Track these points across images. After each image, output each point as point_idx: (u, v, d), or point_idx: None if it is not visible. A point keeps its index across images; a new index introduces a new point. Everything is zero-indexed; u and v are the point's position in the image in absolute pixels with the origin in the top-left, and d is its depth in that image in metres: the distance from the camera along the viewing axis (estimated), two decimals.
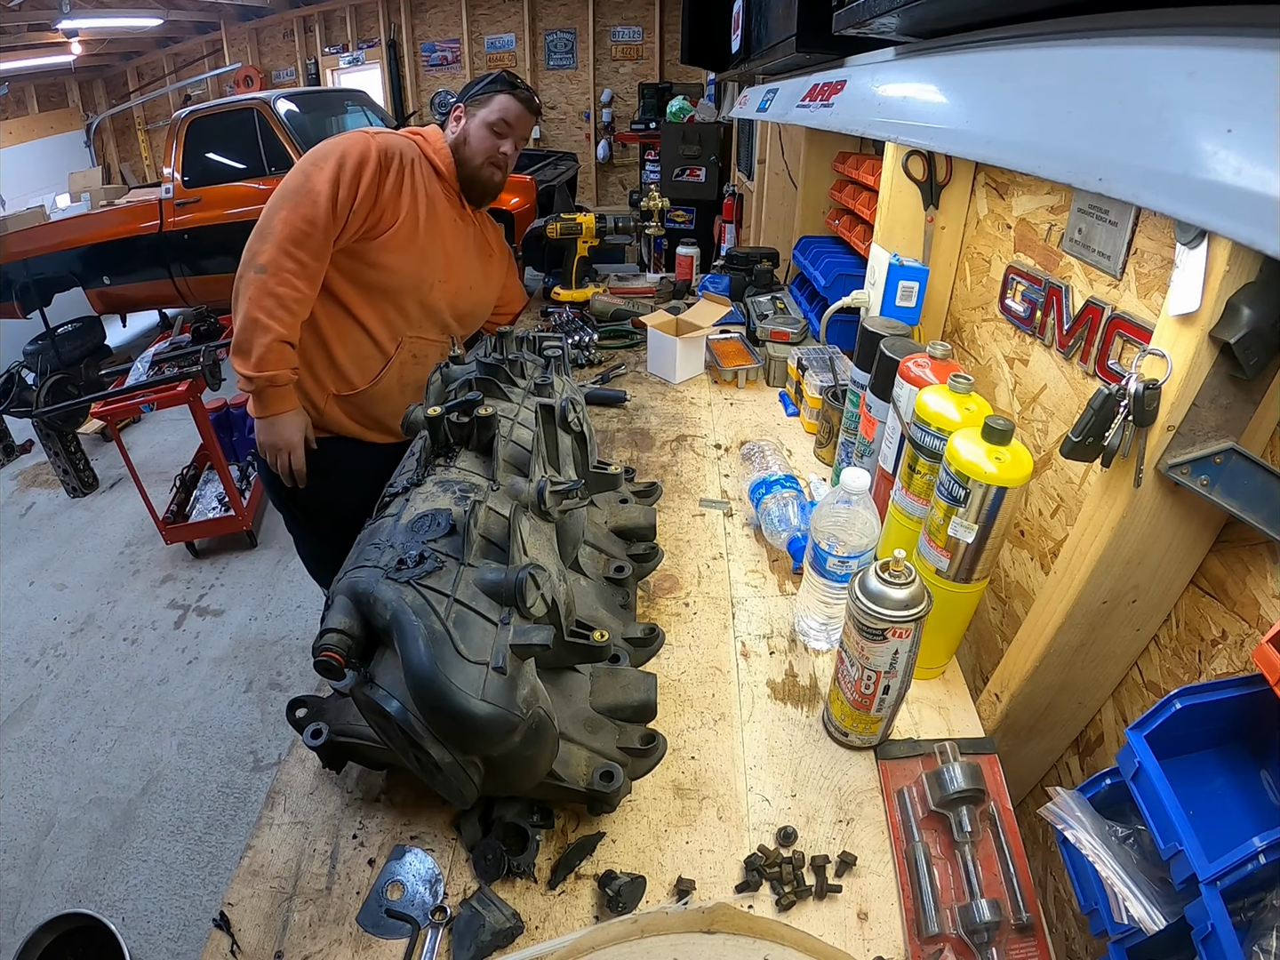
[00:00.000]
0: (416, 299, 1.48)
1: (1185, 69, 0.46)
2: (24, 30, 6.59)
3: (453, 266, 1.53)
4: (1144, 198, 0.46)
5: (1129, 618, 0.84)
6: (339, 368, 1.46)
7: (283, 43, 8.31)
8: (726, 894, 0.70)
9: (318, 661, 0.63)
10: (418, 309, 1.50)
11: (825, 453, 1.41)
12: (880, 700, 0.77)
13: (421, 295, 1.48)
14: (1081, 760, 1.00)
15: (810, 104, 1.41)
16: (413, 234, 1.42)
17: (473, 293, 1.62)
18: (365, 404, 1.51)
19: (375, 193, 1.35)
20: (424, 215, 1.44)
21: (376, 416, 1.54)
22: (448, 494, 0.78)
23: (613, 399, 1.68)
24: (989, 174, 1.33)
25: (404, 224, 1.41)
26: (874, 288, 1.47)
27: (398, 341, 1.49)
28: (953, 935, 0.66)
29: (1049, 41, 0.67)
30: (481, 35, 7.75)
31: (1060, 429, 1.06)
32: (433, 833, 0.77)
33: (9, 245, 4.57)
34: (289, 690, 2.34)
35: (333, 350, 1.45)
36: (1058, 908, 1.02)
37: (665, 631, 1.00)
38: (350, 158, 1.32)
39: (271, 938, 0.68)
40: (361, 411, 1.52)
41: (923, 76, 0.92)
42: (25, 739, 2.21)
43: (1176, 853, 0.52)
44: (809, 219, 2.55)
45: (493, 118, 1.47)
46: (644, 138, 6.52)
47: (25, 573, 2.97)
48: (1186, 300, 0.66)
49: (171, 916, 1.72)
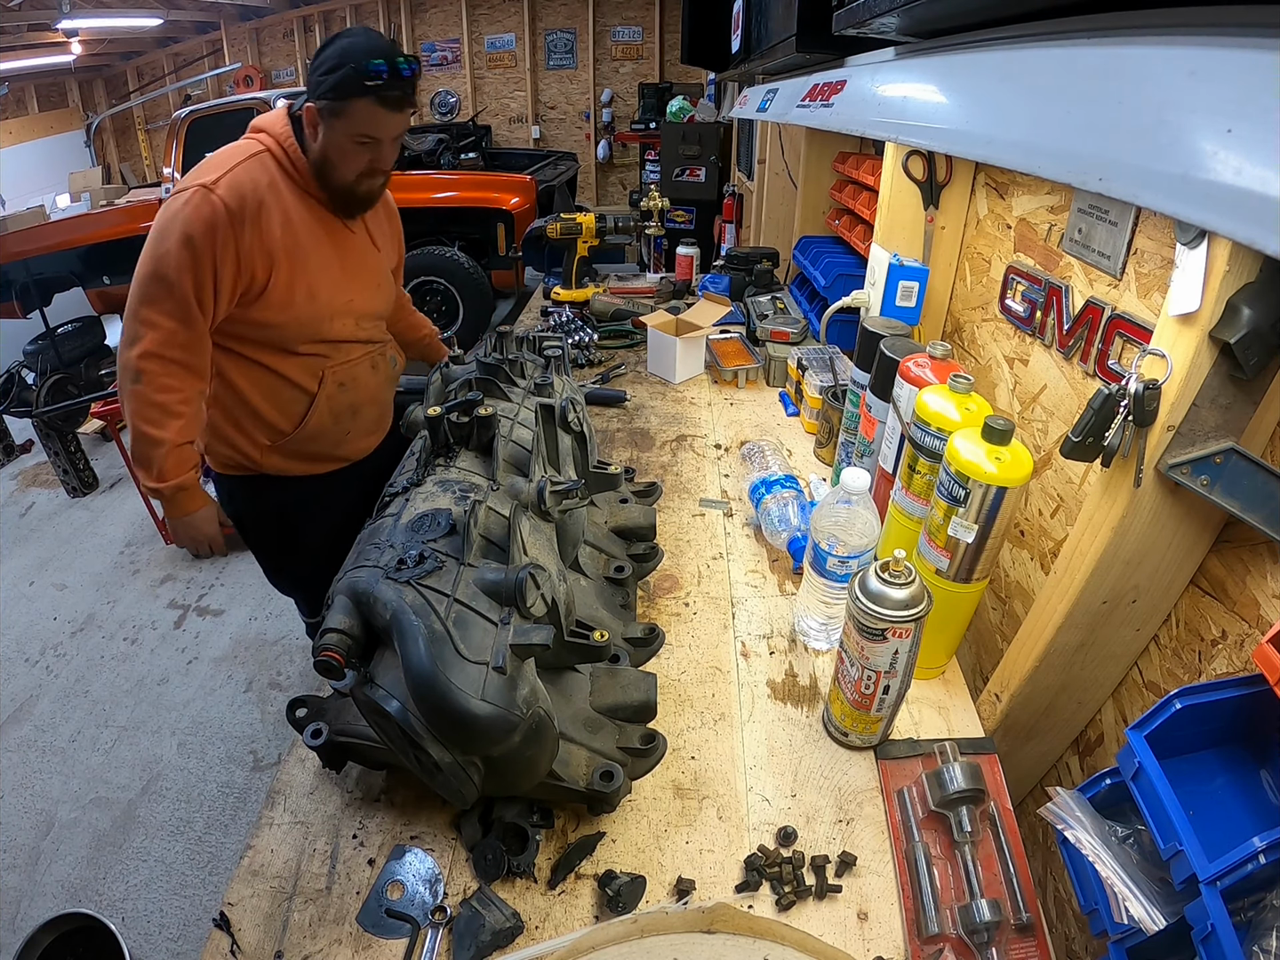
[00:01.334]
0: (320, 336, 1.35)
1: (1185, 69, 0.46)
2: (24, 30, 6.58)
3: (349, 285, 1.36)
4: (1144, 198, 0.46)
5: (1129, 618, 0.84)
6: (263, 419, 1.37)
7: (283, 43, 8.31)
8: (726, 894, 0.70)
9: (318, 661, 0.63)
10: (325, 344, 1.37)
11: (825, 453, 1.41)
12: (880, 700, 0.77)
13: (324, 332, 1.34)
14: (1081, 760, 1.00)
15: (810, 104, 1.41)
16: (292, 280, 1.26)
17: (379, 291, 1.47)
18: (300, 445, 1.42)
19: (235, 261, 1.19)
20: (299, 251, 1.26)
21: (316, 452, 1.46)
22: (448, 494, 0.78)
23: (613, 399, 1.68)
24: (989, 174, 1.33)
25: (279, 275, 1.24)
26: (874, 288, 1.47)
27: (318, 378, 1.38)
28: (953, 935, 0.66)
29: (1049, 41, 0.67)
30: (481, 35, 7.74)
31: (1060, 429, 1.06)
32: (433, 833, 0.77)
33: (9, 245, 4.56)
34: (289, 690, 2.34)
35: (253, 404, 1.35)
36: (1058, 908, 1.02)
37: (665, 631, 1.00)
38: (197, 233, 1.16)
39: (271, 938, 0.68)
40: (300, 451, 1.44)
41: (923, 76, 0.92)
42: (25, 739, 2.21)
43: (1176, 853, 0.52)
44: (809, 219, 2.55)
45: (354, 132, 1.21)
46: (644, 138, 6.52)
47: (25, 573, 2.97)
48: (1186, 300, 0.66)
49: (171, 916, 1.72)
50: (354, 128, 1.20)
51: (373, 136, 1.22)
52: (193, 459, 1.29)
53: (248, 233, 1.20)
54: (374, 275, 1.44)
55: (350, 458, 1.53)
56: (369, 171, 1.27)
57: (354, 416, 1.47)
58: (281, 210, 1.24)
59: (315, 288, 1.30)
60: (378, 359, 1.51)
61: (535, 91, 7.89)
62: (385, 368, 1.54)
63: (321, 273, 1.31)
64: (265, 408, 1.37)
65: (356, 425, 1.50)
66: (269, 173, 1.24)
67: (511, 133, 8.07)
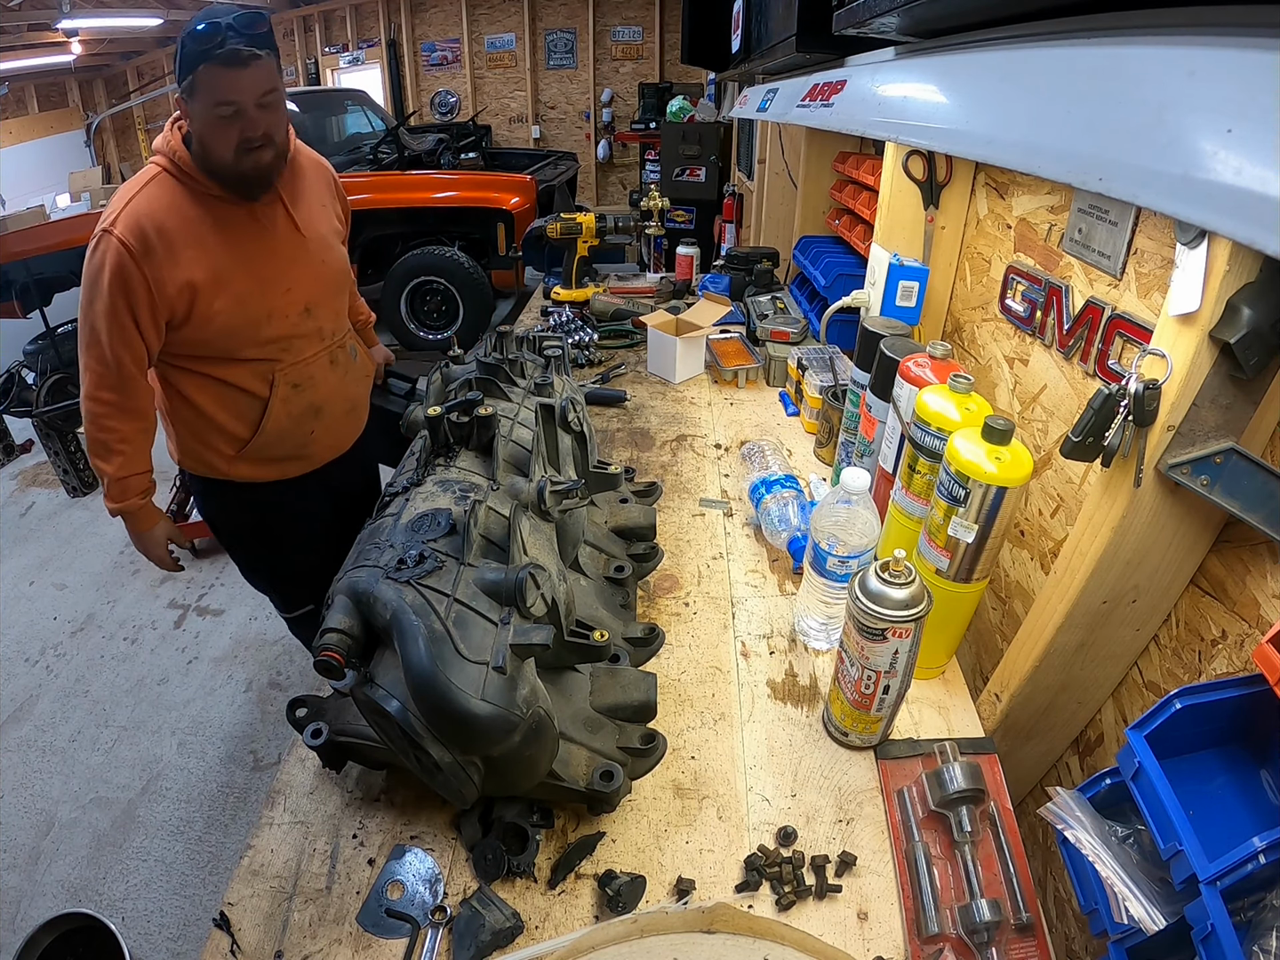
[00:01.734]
0: (261, 340, 1.31)
1: (1185, 69, 0.46)
2: (24, 30, 6.58)
3: (282, 278, 1.31)
4: (1144, 198, 0.46)
5: (1129, 618, 0.84)
6: (223, 429, 1.37)
7: (283, 42, 8.30)
8: (726, 894, 0.70)
9: (318, 661, 0.63)
10: (271, 345, 1.33)
11: (825, 453, 1.41)
12: (880, 700, 0.77)
13: (264, 333, 1.30)
14: (1081, 760, 1.00)
15: (810, 104, 1.41)
16: (214, 295, 1.23)
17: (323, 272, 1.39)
18: (262, 450, 1.40)
19: (149, 297, 1.18)
20: (214, 264, 1.23)
21: (282, 456, 1.44)
22: (448, 494, 0.78)
23: (613, 399, 1.68)
24: (989, 174, 1.33)
25: (200, 295, 1.22)
26: (874, 288, 1.47)
27: (269, 382, 1.35)
28: (953, 935, 0.66)
29: (1049, 41, 0.67)
30: (481, 35, 7.75)
31: (1060, 429, 1.06)
32: (433, 832, 0.77)
33: (9, 245, 4.55)
34: (289, 690, 2.34)
35: (210, 415, 1.35)
36: (1058, 908, 1.02)
37: (665, 631, 1.00)
38: (105, 281, 1.17)
39: (271, 937, 0.68)
40: (264, 457, 1.43)
41: (923, 76, 0.92)
42: (25, 739, 2.21)
43: (1176, 853, 0.52)
44: (809, 219, 2.55)
45: (211, 104, 1.14)
46: (644, 138, 6.52)
47: (25, 572, 2.97)
48: (1186, 300, 0.66)
49: (171, 916, 1.72)
50: (209, 100, 1.14)
51: (227, 101, 1.13)
52: (137, 488, 1.35)
53: (155, 265, 1.18)
54: (310, 259, 1.36)
55: (320, 457, 1.50)
56: (244, 144, 1.17)
57: (317, 416, 1.44)
58: (186, 228, 1.21)
59: (241, 294, 1.26)
60: (337, 353, 1.45)
61: (535, 91, 7.89)
62: (347, 361, 1.49)
63: (244, 277, 1.26)
64: (222, 417, 1.36)
65: (321, 424, 1.46)
66: (168, 193, 1.21)
67: (511, 133, 8.07)
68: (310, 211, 1.38)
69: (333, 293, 1.43)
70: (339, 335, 1.46)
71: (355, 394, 1.54)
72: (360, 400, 1.57)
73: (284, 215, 1.32)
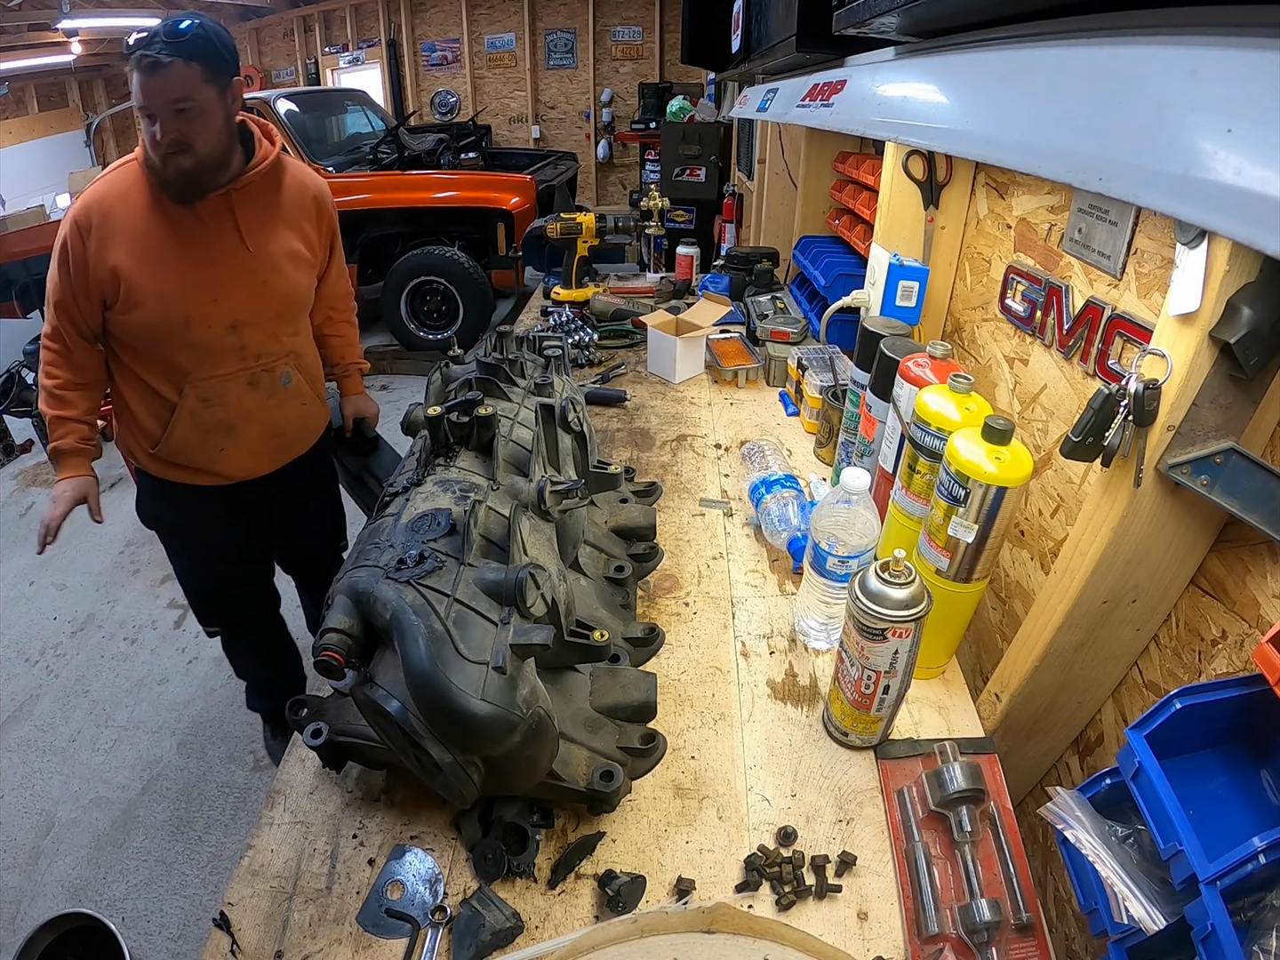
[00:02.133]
0: (178, 344, 1.31)
1: (1186, 69, 0.45)
2: (24, 30, 6.58)
3: (212, 287, 1.30)
4: (1144, 198, 0.46)
5: (1129, 618, 0.84)
6: (140, 423, 1.40)
7: (283, 42, 8.31)
8: (726, 894, 0.70)
9: (318, 661, 0.63)
10: (186, 352, 1.32)
11: (825, 453, 1.41)
12: (880, 700, 0.77)
13: (181, 338, 1.30)
14: (1081, 760, 1.00)
15: (810, 104, 1.41)
16: (137, 283, 1.26)
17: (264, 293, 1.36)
18: (170, 455, 1.42)
19: (85, 273, 1.25)
20: (146, 255, 1.26)
21: (189, 465, 1.44)
22: (448, 494, 0.78)
23: (613, 399, 1.68)
24: (989, 174, 1.33)
25: (125, 280, 1.25)
26: (874, 288, 1.47)
27: (179, 389, 1.35)
28: (953, 935, 0.66)
29: (1049, 41, 0.67)
30: (481, 35, 7.74)
31: (1060, 429, 1.06)
32: (433, 832, 0.77)
33: (9, 245, 4.55)
34: None
35: (131, 407, 1.40)
36: (1058, 908, 1.02)
37: (665, 631, 1.00)
38: (57, 253, 1.27)
39: (271, 937, 0.68)
40: (173, 461, 1.44)
41: (923, 76, 0.92)
42: (25, 739, 2.21)
43: (1176, 853, 0.52)
44: (809, 219, 2.55)
45: (136, 106, 1.18)
46: (644, 138, 6.52)
47: (25, 572, 2.97)
48: (1186, 300, 0.66)
49: (171, 916, 1.72)
50: (135, 104, 1.19)
51: (143, 106, 1.17)
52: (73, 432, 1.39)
53: (91, 244, 1.24)
54: (250, 277, 1.34)
55: (232, 475, 1.48)
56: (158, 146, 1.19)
57: (228, 434, 1.42)
58: (129, 217, 1.25)
59: (164, 293, 1.27)
60: (261, 376, 1.41)
61: (535, 91, 7.88)
62: (274, 387, 1.43)
63: (171, 277, 1.27)
64: (140, 412, 1.40)
65: (233, 444, 1.43)
66: (128, 179, 1.27)
67: (511, 133, 8.07)
68: (268, 231, 1.36)
69: (271, 315, 1.39)
70: (268, 359, 1.42)
71: (281, 420, 1.49)
72: (288, 429, 1.52)
73: (231, 227, 1.31)
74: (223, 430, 1.41)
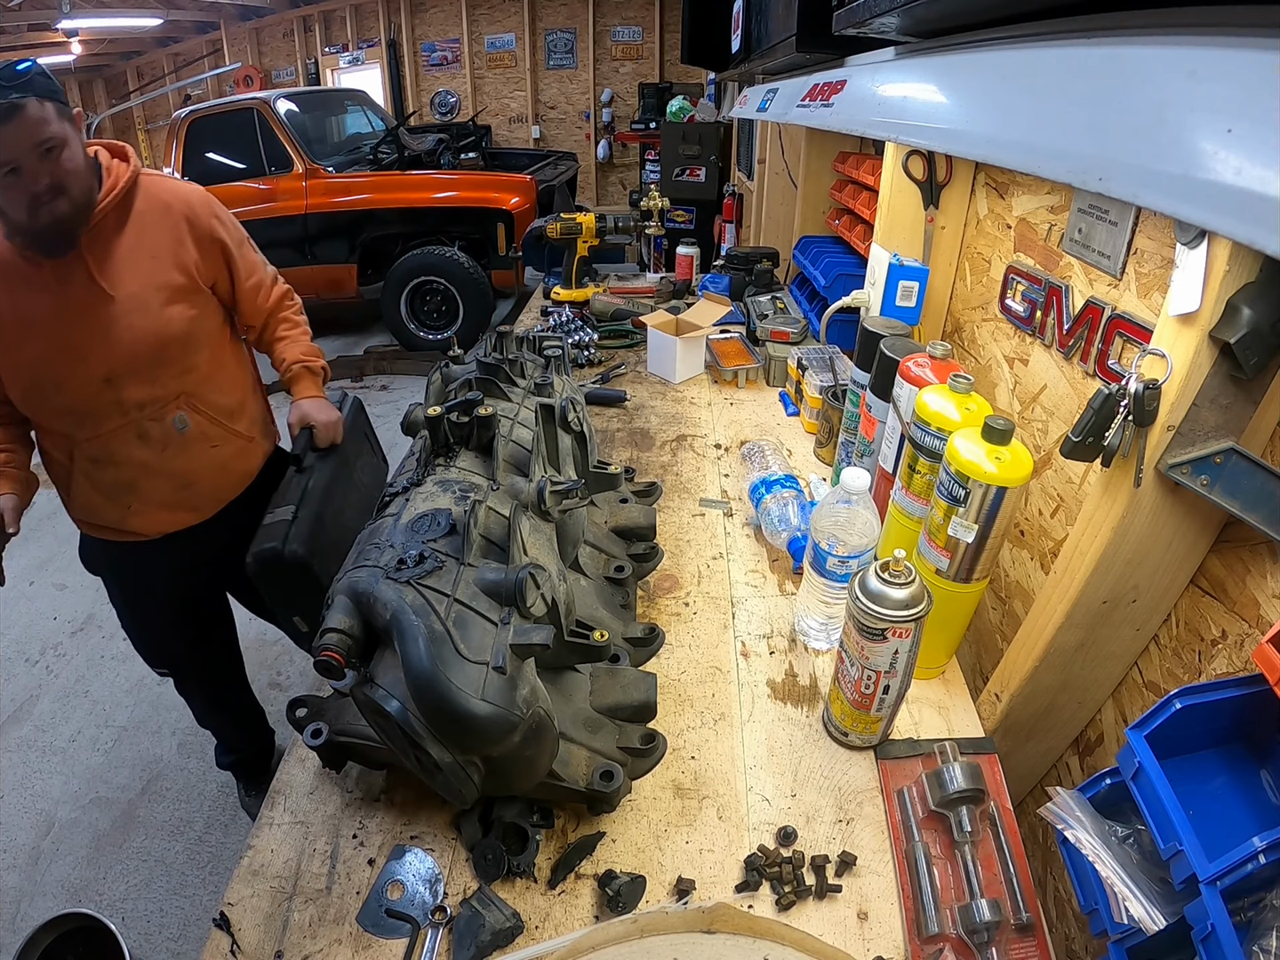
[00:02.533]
0: (52, 410, 1.23)
1: (1185, 69, 0.46)
2: (24, 30, 6.59)
3: (74, 346, 1.18)
4: (1144, 198, 0.46)
5: (1129, 618, 0.84)
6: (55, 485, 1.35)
7: (283, 42, 8.31)
8: (726, 894, 0.70)
9: (318, 661, 0.63)
10: (64, 417, 1.24)
11: (825, 453, 1.41)
12: (880, 700, 0.77)
13: (54, 403, 1.22)
14: (1081, 760, 1.00)
15: (810, 104, 1.41)
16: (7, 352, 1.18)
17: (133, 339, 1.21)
18: (84, 515, 1.37)
19: None
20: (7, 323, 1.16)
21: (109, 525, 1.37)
22: (448, 494, 0.78)
23: (613, 399, 1.68)
24: (989, 174, 1.33)
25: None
26: (874, 288, 1.47)
27: (69, 454, 1.28)
28: (953, 935, 0.66)
29: (1049, 41, 0.67)
30: (481, 35, 7.75)
31: (1060, 429, 1.06)
32: (433, 832, 0.77)
33: None
34: (289, 690, 2.34)
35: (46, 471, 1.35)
36: (1058, 908, 1.02)
37: (665, 631, 1.00)
38: None
39: (271, 937, 0.68)
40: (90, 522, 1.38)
41: (923, 76, 0.92)
42: (25, 739, 2.21)
43: (1176, 853, 0.52)
44: (809, 219, 2.55)
45: None
46: (644, 138, 6.52)
47: (25, 572, 2.96)
48: (1186, 300, 0.66)
49: (171, 916, 1.72)
50: None
51: (2, 162, 1.04)
52: None
53: None
54: (114, 324, 1.20)
55: (145, 532, 1.37)
56: (33, 201, 1.07)
57: (130, 492, 1.31)
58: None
59: (33, 359, 1.18)
60: (148, 426, 1.27)
61: (535, 91, 7.89)
62: (167, 435, 1.29)
63: (36, 341, 1.17)
64: (50, 474, 1.35)
65: (139, 500, 1.32)
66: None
67: (511, 133, 8.07)
68: (129, 266, 1.21)
69: (146, 361, 1.24)
70: (153, 408, 1.27)
71: (187, 470, 1.34)
72: (201, 477, 1.37)
73: (84, 275, 1.17)
74: (124, 489, 1.31)
